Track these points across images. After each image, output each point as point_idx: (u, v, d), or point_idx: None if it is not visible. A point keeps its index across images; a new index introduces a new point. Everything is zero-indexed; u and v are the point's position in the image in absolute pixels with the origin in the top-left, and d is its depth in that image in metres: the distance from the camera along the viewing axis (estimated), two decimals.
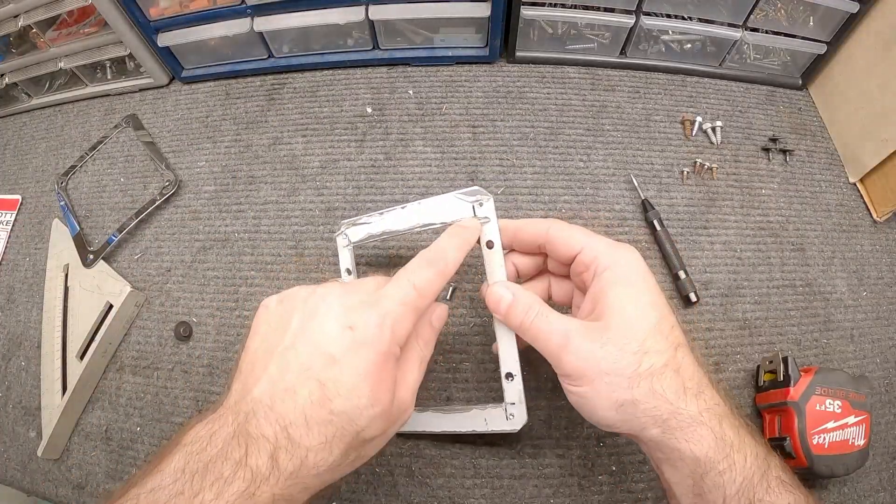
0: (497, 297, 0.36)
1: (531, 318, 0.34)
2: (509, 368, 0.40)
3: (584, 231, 0.36)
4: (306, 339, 0.30)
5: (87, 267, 0.56)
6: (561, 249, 0.37)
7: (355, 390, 0.29)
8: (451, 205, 0.41)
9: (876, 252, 0.57)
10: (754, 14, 0.58)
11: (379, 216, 0.44)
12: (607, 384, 0.31)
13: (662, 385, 0.31)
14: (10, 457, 0.52)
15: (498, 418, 0.41)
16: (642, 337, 0.31)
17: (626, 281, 0.33)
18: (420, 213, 0.42)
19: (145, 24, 0.60)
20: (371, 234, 0.45)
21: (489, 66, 0.66)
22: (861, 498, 0.47)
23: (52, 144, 0.68)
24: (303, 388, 0.28)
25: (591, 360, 0.32)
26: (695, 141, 0.62)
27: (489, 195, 0.39)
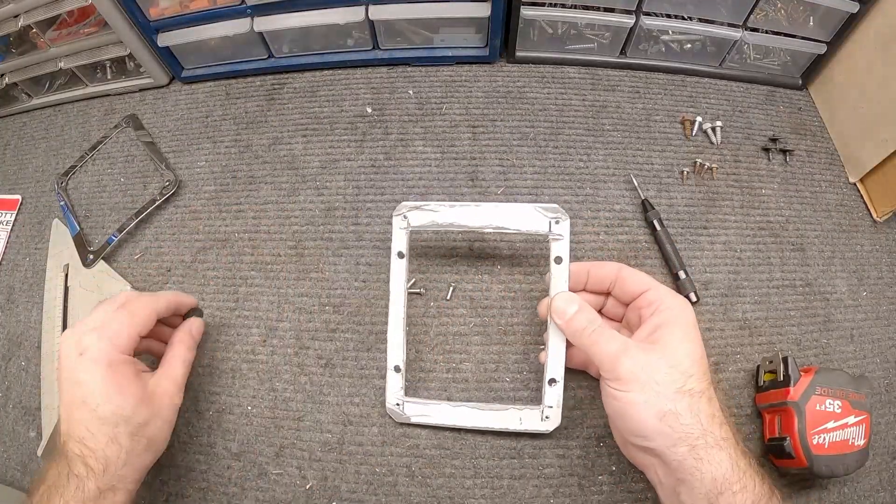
0: (564, 305, 0.41)
1: (594, 327, 0.40)
2: (554, 374, 0.43)
3: (648, 276, 0.42)
4: (63, 375, 0.39)
5: (87, 267, 0.56)
6: (629, 287, 0.42)
7: (105, 395, 0.38)
8: (530, 215, 0.45)
9: (876, 252, 0.57)
10: (754, 14, 0.58)
11: (449, 207, 0.47)
12: (656, 392, 0.35)
13: (699, 406, 0.35)
14: (10, 457, 0.52)
15: (533, 419, 0.45)
16: (689, 364, 0.37)
17: (681, 322, 0.39)
18: (495, 215, 0.46)
19: (145, 24, 0.60)
20: (436, 222, 0.47)
21: (489, 66, 0.66)
22: (861, 498, 0.47)
23: (52, 144, 0.68)
24: (77, 410, 0.38)
25: (647, 369, 0.36)
26: (695, 141, 0.62)
27: (567, 216, 0.45)
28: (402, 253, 0.47)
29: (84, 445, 0.37)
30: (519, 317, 0.52)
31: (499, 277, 0.54)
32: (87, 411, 0.38)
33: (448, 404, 0.47)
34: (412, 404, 0.47)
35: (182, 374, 0.44)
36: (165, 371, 0.43)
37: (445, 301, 0.53)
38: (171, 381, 0.43)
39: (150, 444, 0.40)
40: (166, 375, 0.43)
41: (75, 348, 0.39)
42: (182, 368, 0.44)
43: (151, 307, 0.44)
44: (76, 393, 0.38)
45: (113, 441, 0.37)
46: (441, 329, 0.52)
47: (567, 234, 0.44)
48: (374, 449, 0.48)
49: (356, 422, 0.49)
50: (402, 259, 0.47)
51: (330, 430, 0.49)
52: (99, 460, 0.37)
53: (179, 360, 0.44)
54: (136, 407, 0.39)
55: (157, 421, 0.40)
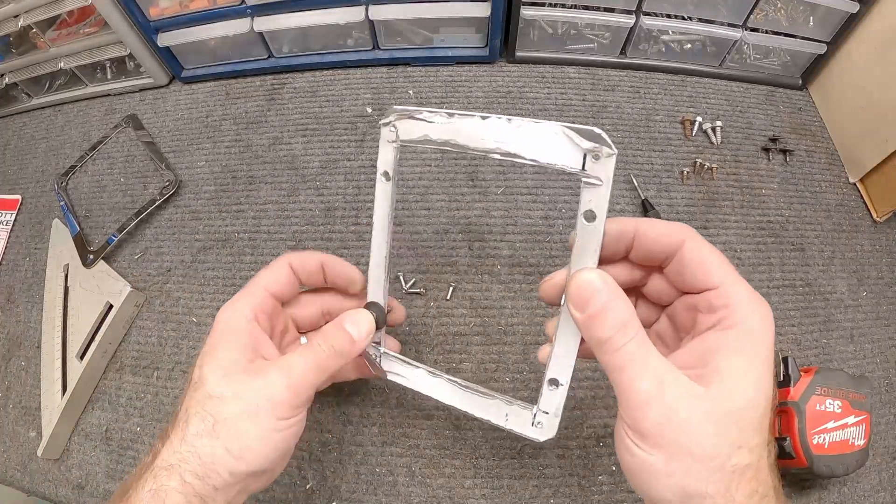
0: (590, 290, 0.27)
1: (626, 339, 0.26)
2: (557, 375, 0.32)
3: (724, 262, 0.28)
4: None
5: (87, 267, 0.56)
6: (691, 274, 0.28)
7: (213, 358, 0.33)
8: (554, 141, 0.29)
9: (876, 252, 0.57)
10: (754, 14, 0.58)
11: (446, 117, 0.34)
12: (686, 466, 0.25)
13: (739, 484, 0.25)
14: (10, 457, 0.52)
15: (522, 419, 0.35)
16: (746, 427, 0.25)
17: (755, 352, 0.26)
18: (505, 135, 0.31)
19: (145, 24, 0.60)
20: (429, 137, 0.35)
21: (489, 66, 0.66)
22: (861, 498, 0.47)
23: (52, 144, 0.68)
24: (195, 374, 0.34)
25: (684, 431, 0.25)
26: (695, 141, 0.62)
27: (614, 150, 0.28)
28: (389, 174, 0.37)
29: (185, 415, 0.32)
30: (519, 317, 0.52)
31: (499, 277, 0.54)
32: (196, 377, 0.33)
33: (425, 370, 0.40)
34: (390, 360, 0.41)
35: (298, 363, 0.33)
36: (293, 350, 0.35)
37: (445, 301, 0.53)
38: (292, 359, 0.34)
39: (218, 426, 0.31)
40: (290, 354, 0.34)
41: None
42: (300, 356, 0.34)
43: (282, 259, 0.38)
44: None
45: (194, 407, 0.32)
46: (441, 329, 0.52)
47: (609, 177, 0.28)
48: (374, 449, 0.48)
49: (356, 422, 0.49)
50: (388, 181, 0.38)
51: (330, 430, 0.49)
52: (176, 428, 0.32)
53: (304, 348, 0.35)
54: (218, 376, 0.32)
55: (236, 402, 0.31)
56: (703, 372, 0.26)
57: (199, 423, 0.31)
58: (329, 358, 0.34)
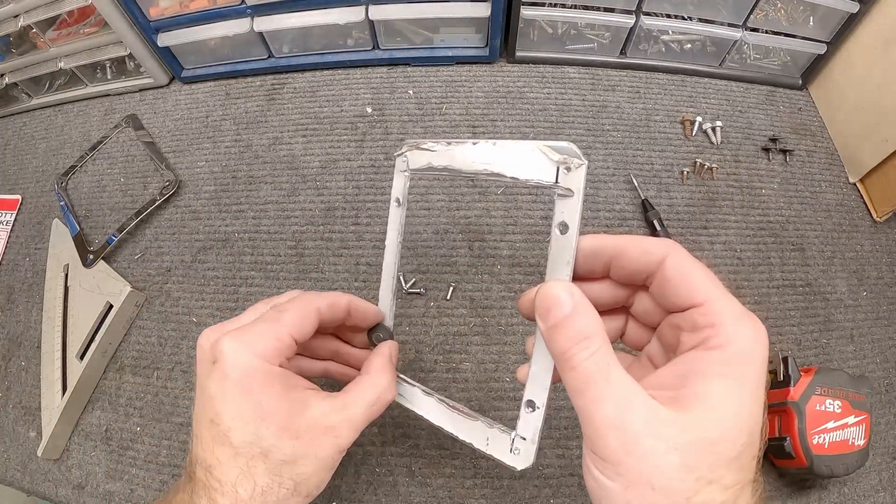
0: (551, 299, 0.26)
1: (585, 355, 0.24)
2: (534, 397, 0.30)
3: (711, 277, 0.26)
4: (197, 383, 0.32)
5: (87, 267, 0.56)
6: (674, 291, 0.26)
7: (239, 417, 0.29)
8: (531, 158, 0.30)
9: (876, 252, 0.57)
10: (754, 14, 0.58)
11: (445, 146, 0.37)
12: (643, 498, 0.22)
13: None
14: (10, 457, 0.52)
15: (501, 445, 0.33)
16: (719, 461, 0.22)
17: (740, 377, 0.23)
18: (491, 157, 0.34)
19: (145, 24, 0.60)
20: (432, 164, 0.38)
21: (489, 66, 0.66)
22: (861, 498, 0.47)
23: (52, 144, 0.68)
24: (206, 430, 0.30)
25: (644, 461, 0.22)
26: (695, 141, 0.62)
27: (584, 160, 0.28)
28: (400, 200, 0.41)
29: (211, 475, 0.29)
30: (519, 317, 0.52)
31: (499, 277, 0.54)
32: (216, 434, 0.29)
33: (420, 389, 0.39)
34: None
35: (362, 413, 0.32)
36: (343, 401, 0.32)
37: (445, 301, 0.53)
38: (345, 416, 0.31)
39: (298, 488, 0.30)
40: (341, 407, 0.31)
41: (209, 354, 0.31)
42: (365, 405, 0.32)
43: (310, 303, 0.34)
44: (206, 409, 0.30)
45: (246, 476, 0.29)
46: (441, 329, 0.52)
47: (580, 188, 0.28)
48: (374, 449, 0.48)
49: None
50: (399, 207, 0.41)
51: None
52: (227, 496, 0.28)
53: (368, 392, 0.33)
54: (280, 438, 0.29)
55: (310, 461, 0.30)
56: (679, 394, 0.23)
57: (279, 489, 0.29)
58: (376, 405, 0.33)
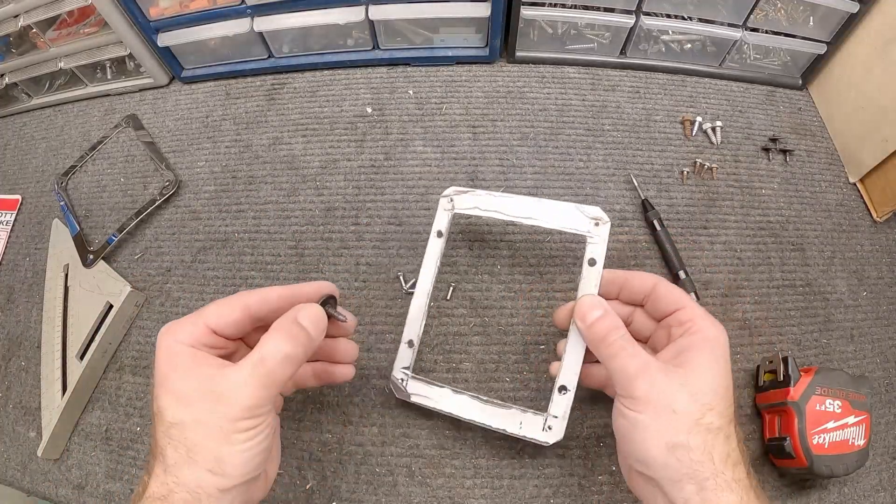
0: (589, 306, 0.39)
1: (617, 336, 0.36)
2: (566, 382, 0.41)
3: (685, 293, 0.39)
4: None
5: (87, 267, 0.56)
6: (663, 303, 0.39)
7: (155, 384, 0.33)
8: (570, 215, 0.44)
9: (876, 252, 0.57)
10: (754, 14, 0.58)
11: (490, 196, 0.47)
12: (669, 420, 0.33)
13: (714, 443, 0.32)
14: (10, 457, 0.52)
15: (535, 426, 0.42)
16: (712, 395, 0.33)
17: (711, 348, 0.35)
18: (535, 209, 0.45)
19: (145, 24, 0.60)
20: (479, 207, 0.47)
21: (489, 66, 0.66)
22: (861, 498, 0.47)
23: (52, 144, 0.68)
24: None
25: (665, 393, 0.33)
26: (695, 141, 0.62)
27: (609, 220, 0.43)
28: (442, 232, 0.48)
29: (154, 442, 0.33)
30: (519, 317, 0.52)
31: (499, 277, 0.54)
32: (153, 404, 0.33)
33: (450, 389, 0.45)
34: (415, 382, 0.46)
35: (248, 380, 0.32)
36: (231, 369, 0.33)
37: (445, 301, 0.53)
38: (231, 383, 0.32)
39: (192, 455, 0.31)
40: (226, 374, 0.32)
41: None
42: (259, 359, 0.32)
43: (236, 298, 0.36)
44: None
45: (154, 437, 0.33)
46: (441, 329, 0.52)
47: (606, 237, 0.42)
48: (374, 449, 0.48)
49: (356, 422, 0.49)
50: (440, 238, 0.48)
51: (330, 430, 0.49)
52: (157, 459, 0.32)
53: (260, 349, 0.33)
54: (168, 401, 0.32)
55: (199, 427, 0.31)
56: (680, 358, 0.35)
57: (174, 453, 0.31)
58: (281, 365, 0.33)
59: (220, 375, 0.32)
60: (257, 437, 0.32)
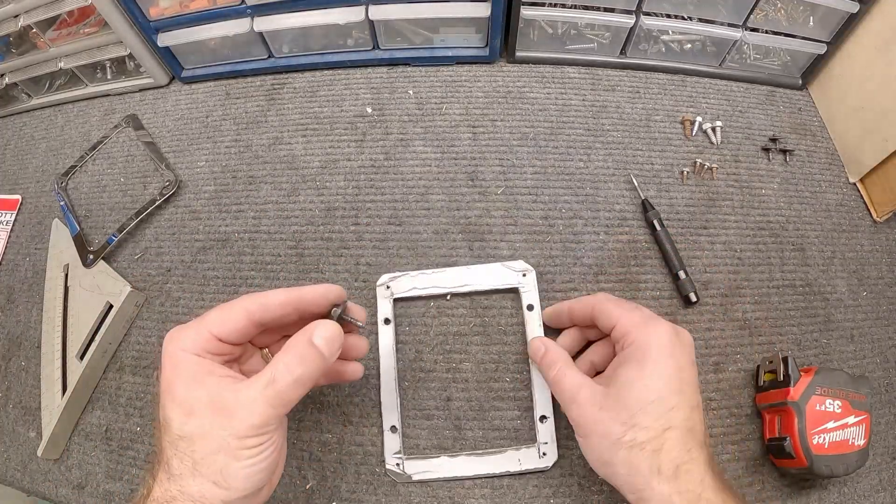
0: (535, 349, 0.44)
1: (556, 368, 0.40)
2: (544, 412, 0.47)
3: (626, 306, 0.40)
4: None
5: (87, 267, 0.56)
6: (603, 323, 0.41)
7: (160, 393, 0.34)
8: (500, 273, 0.51)
9: (876, 252, 0.57)
10: (754, 14, 0.58)
11: (423, 274, 0.52)
12: (597, 443, 0.36)
13: (638, 459, 0.34)
14: (10, 457, 0.52)
15: (531, 458, 0.46)
16: (634, 412, 0.35)
17: (641, 360, 0.36)
18: (468, 277, 0.51)
19: (145, 24, 0.60)
20: (416, 287, 0.51)
21: (489, 66, 0.66)
22: (861, 498, 0.47)
23: (52, 144, 0.68)
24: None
25: (589, 418, 0.37)
26: (695, 141, 0.62)
27: (532, 270, 0.51)
28: (389, 319, 0.50)
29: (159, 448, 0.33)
30: (519, 317, 0.52)
31: None
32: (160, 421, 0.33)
33: (447, 457, 0.46)
34: (412, 461, 0.47)
35: (259, 396, 0.31)
36: (243, 384, 0.32)
37: (445, 301, 0.53)
38: (241, 398, 0.31)
39: (198, 467, 0.31)
40: (237, 389, 0.32)
41: None
42: (270, 380, 0.32)
43: (237, 303, 0.35)
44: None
45: (159, 445, 0.33)
46: (441, 329, 0.52)
47: (534, 285, 0.50)
48: (374, 449, 0.48)
49: (356, 422, 0.49)
50: (388, 325, 0.50)
51: (330, 431, 0.49)
52: (161, 466, 0.32)
53: (272, 369, 0.32)
54: (175, 412, 0.32)
55: (205, 441, 0.31)
56: (612, 377, 0.38)
57: (179, 465, 0.31)
58: (293, 387, 0.32)
59: (229, 389, 0.32)
60: (263, 453, 0.32)
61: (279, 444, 0.34)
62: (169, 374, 0.33)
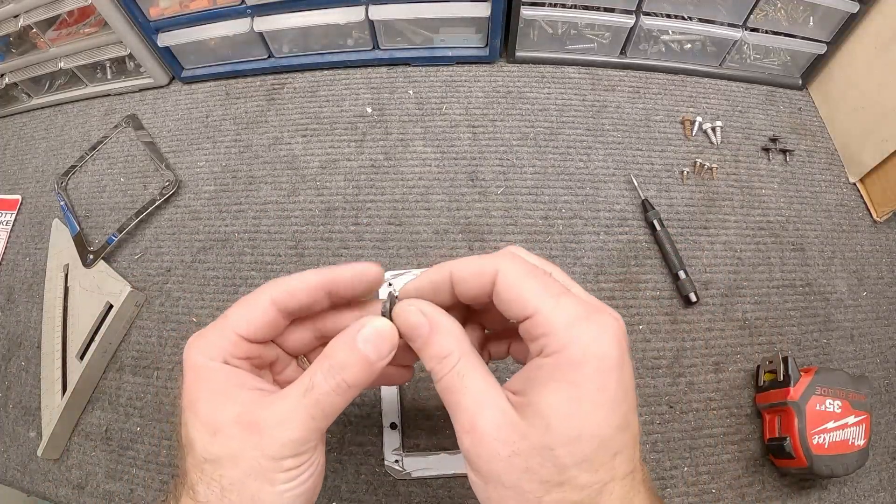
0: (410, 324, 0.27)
1: (445, 370, 0.26)
2: None
3: (542, 283, 0.26)
4: None
5: (87, 267, 0.56)
6: (507, 308, 0.27)
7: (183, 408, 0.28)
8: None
9: (876, 252, 0.57)
10: (754, 14, 0.58)
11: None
12: (500, 496, 0.24)
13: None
14: (10, 457, 0.52)
15: None
16: (564, 467, 0.23)
17: (575, 382, 0.24)
18: None
19: (145, 24, 0.60)
20: None
21: (489, 66, 0.66)
22: (861, 498, 0.47)
23: (52, 144, 0.68)
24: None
25: (491, 463, 0.24)
26: (695, 141, 0.62)
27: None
28: None
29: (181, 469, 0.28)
30: None
31: None
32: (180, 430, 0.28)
33: (447, 454, 0.46)
34: (411, 458, 0.47)
35: (308, 394, 0.26)
36: (274, 397, 0.27)
37: None
38: (271, 414, 0.26)
39: (227, 493, 0.26)
40: (269, 403, 0.27)
41: None
42: (309, 387, 0.26)
43: (259, 296, 0.29)
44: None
45: (183, 468, 0.28)
46: None
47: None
48: (374, 449, 0.48)
49: (356, 422, 0.49)
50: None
51: (330, 431, 0.48)
52: (185, 490, 0.27)
53: (311, 374, 0.27)
54: (200, 431, 0.26)
55: (233, 464, 0.26)
56: (524, 401, 0.25)
57: (206, 490, 0.26)
58: (335, 395, 0.26)
59: (260, 403, 0.27)
60: (302, 475, 0.26)
61: (320, 463, 0.28)
62: (191, 387, 0.27)
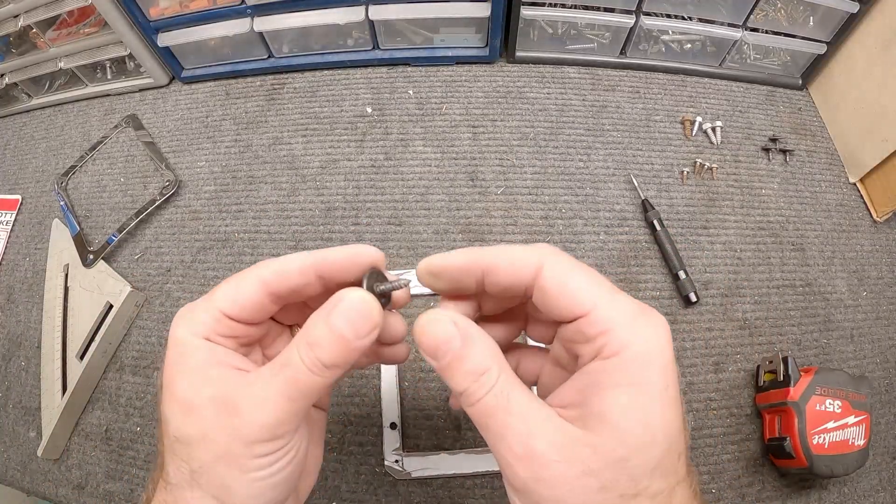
0: (441, 337, 0.24)
1: (483, 392, 0.23)
2: None
3: (593, 279, 0.24)
4: None
5: (87, 267, 0.56)
6: (554, 305, 0.24)
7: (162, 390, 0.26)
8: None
9: (876, 252, 0.57)
10: (754, 14, 0.58)
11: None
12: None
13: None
14: (10, 457, 0.52)
15: None
16: (640, 473, 0.21)
17: (641, 382, 0.22)
18: None
19: (145, 24, 0.60)
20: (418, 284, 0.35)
21: (489, 66, 0.66)
22: (861, 498, 0.47)
23: (52, 144, 0.68)
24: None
25: (559, 488, 0.21)
26: (695, 141, 0.62)
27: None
28: None
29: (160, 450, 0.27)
30: None
31: None
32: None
33: (447, 454, 0.46)
34: (411, 459, 0.47)
35: (282, 371, 0.24)
36: (254, 375, 0.25)
37: None
38: (251, 393, 0.24)
39: (196, 477, 0.24)
40: (249, 381, 0.25)
41: None
42: (284, 363, 0.24)
43: (248, 274, 0.27)
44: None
45: (160, 445, 0.27)
46: None
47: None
48: (374, 449, 0.48)
49: (356, 422, 0.49)
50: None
51: (330, 430, 0.49)
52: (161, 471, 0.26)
53: (288, 353, 0.24)
54: (173, 409, 0.25)
55: (205, 446, 0.24)
56: (584, 412, 0.22)
57: (176, 472, 0.25)
58: (313, 372, 0.24)
59: (237, 381, 0.25)
60: (277, 463, 0.25)
61: (300, 450, 0.26)
62: (171, 363, 0.26)
